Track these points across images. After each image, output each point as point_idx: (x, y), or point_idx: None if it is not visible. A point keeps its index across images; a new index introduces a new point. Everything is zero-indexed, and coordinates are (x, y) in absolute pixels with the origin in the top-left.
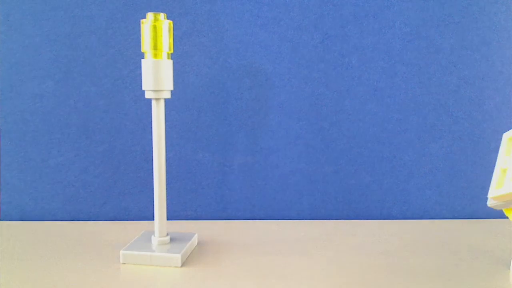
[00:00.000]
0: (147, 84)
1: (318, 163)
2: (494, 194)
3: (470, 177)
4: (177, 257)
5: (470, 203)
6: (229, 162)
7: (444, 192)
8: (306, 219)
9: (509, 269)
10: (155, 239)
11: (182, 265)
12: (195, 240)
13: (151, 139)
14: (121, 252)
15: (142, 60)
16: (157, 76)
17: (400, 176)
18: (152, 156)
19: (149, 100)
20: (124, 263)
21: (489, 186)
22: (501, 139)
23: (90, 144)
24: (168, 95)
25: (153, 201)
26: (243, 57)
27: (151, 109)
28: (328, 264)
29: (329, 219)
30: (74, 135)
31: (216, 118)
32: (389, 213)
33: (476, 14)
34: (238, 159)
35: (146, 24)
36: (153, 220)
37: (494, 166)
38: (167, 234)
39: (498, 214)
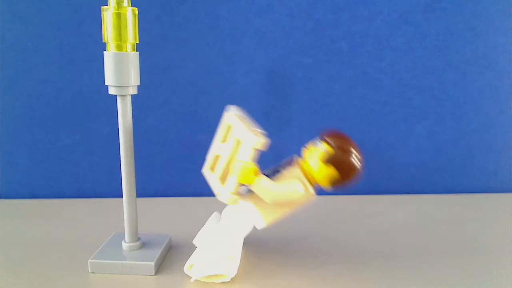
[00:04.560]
0: (110, 79)
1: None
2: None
3: (452, 155)
4: (150, 265)
5: (451, 179)
6: None
7: (427, 169)
8: None
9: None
10: (125, 245)
11: (156, 273)
12: (169, 243)
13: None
14: (89, 261)
15: (104, 52)
16: (121, 71)
17: (386, 155)
18: (154, 137)
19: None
20: (93, 273)
21: (470, 164)
22: (483, 121)
23: (94, 127)
24: (134, 90)
25: (154, 179)
26: (239, 43)
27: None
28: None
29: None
30: (79, 119)
31: (213, 103)
32: (375, 189)
33: (461, 1)
34: None
35: (108, 11)
36: (154, 197)
37: (475, 144)
38: (139, 239)
39: (477, 189)
